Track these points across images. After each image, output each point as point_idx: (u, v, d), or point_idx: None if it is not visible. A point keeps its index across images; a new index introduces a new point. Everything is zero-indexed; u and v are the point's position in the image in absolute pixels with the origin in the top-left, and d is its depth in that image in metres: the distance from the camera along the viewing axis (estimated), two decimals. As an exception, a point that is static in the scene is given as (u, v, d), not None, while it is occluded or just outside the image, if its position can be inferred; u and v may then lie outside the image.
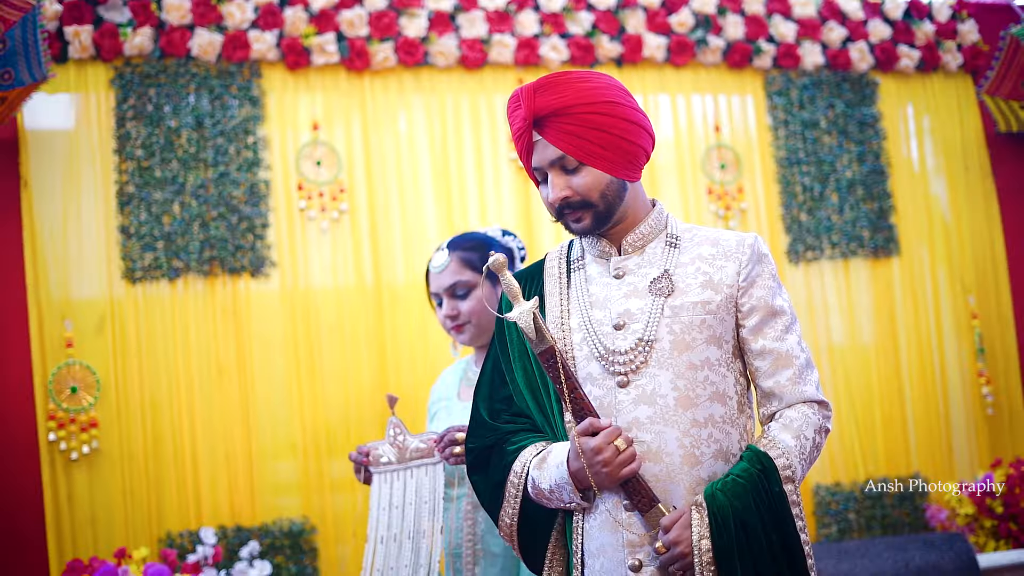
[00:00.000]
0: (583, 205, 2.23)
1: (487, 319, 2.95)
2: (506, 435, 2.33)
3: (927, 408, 5.05)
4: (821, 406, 2.26)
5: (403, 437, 2.77)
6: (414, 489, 2.73)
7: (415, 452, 2.75)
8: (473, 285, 2.96)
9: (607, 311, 2.27)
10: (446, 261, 2.98)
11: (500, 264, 2.19)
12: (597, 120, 2.19)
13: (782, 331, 2.26)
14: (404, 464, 2.76)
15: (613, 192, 2.24)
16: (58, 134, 4.23)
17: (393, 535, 2.72)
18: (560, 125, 2.19)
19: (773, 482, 2.14)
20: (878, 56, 5.19)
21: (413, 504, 2.72)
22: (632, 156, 2.24)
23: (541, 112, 2.19)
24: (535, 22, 4.73)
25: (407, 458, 2.76)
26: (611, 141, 2.20)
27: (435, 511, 2.68)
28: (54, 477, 4.02)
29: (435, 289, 3.00)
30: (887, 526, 4.85)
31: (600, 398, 2.22)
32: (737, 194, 4.97)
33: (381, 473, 2.78)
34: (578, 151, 2.19)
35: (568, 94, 2.20)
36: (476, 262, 2.97)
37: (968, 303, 5.18)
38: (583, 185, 2.21)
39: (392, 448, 2.78)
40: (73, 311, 4.13)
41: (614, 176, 2.23)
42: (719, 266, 2.26)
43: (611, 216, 2.26)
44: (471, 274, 2.96)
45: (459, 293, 2.96)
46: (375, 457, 2.78)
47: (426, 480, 2.73)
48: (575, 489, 2.17)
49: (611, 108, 2.21)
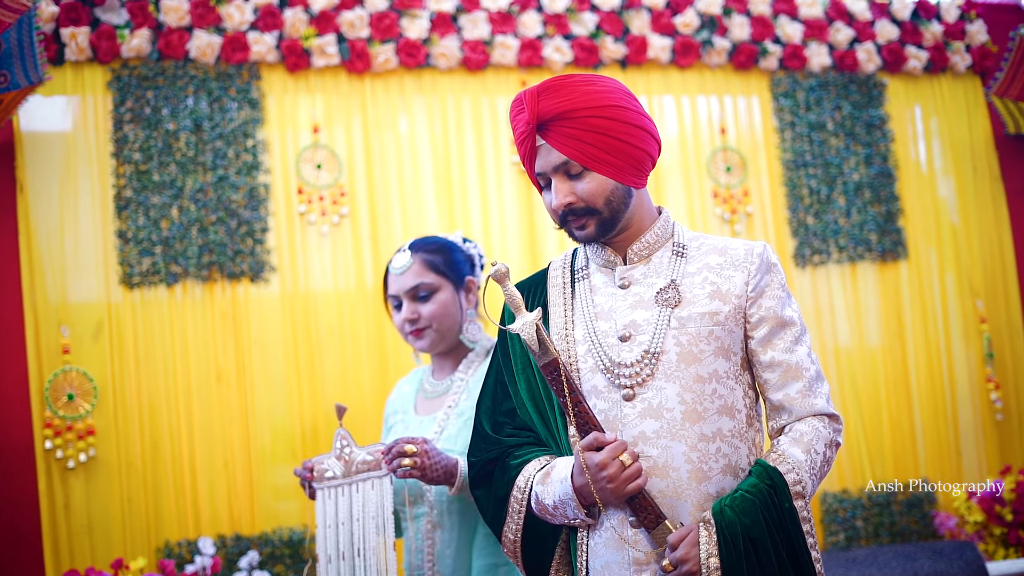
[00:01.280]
0: (587, 212, 2.20)
1: (448, 324, 2.90)
2: (509, 449, 2.30)
3: (935, 414, 5.00)
4: (832, 419, 2.23)
5: (350, 449, 2.68)
6: (360, 504, 2.64)
7: (362, 465, 2.66)
8: (436, 288, 2.89)
9: (612, 322, 2.24)
10: (409, 262, 2.90)
11: (503, 274, 2.15)
12: (602, 124, 2.16)
13: (792, 342, 2.23)
14: (349, 478, 2.66)
15: (618, 199, 2.20)
16: (55, 137, 4.20)
17: (342, 553, 2.63)
18: (564, 129, 2.16)
19: (783, 498, 2.11)
20: (885, 57, 5.15)
21: (360, 520, 2.63)
22: (638, 162, 2.20)
23: (544, 116, 2.16)
24: (538, 23, 4.70)
25: (353, 472, 2.66)
26: (616, 146, 2.17)
27: (383, 527, 2.60)
28: (50, 486, 3.98)
29: (395, 291, 2.91)
30: (895, 534, 4.80)
31: (605, 411, 2.19)
32: (743, 197, 4.93)
33: (325, 489, 2.69)
34: (582, 156, 2.16)
35: (572, 98, 2.16)
36: (440, 265, 2.91)
37: (977, 307, 5.14)
38: (587, 191, 2.18)
39: (338, 462, 2.68)
40: (70, 317, 4.09)
41: (619, 182, 2.19)
42: (727, 276, 2.24)
43: (616, 223, 2.22)
44: (434, 277, 2.90)
45: (421, 295, 2.88)
46: (319, 472, 2.70)
47: (373, 494, 2.64)
48: (579, 505, 2.15)
49: (616, 112, 2.17)
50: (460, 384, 2.89)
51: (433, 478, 2.61)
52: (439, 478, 2.62)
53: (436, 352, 2.96)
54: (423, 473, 2.59)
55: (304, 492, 2.76)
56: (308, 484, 2.72)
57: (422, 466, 2.58)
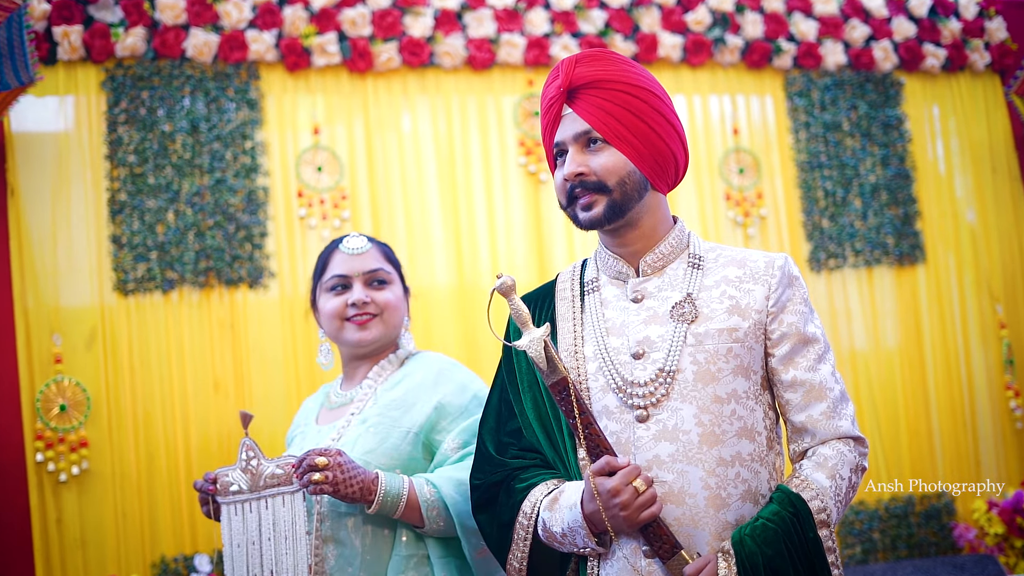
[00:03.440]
0: (598, 187, 2.13)
1: (395, 321, 2.73)
2: (514, 471, 2.23)
3: (954, 423, 4.95)
4: (857, 442, 2.16)
5: (257, 461, 2.46)
6: (270, 522, 2.43)
7: (271, 479, 2.44)
8: (391, 280, 2.74)
9: (625, 338, 2.16)
10: (368, 245, 2.74)
11: (508, 287, 2.08)
12: (631, 102, 2.11)
13: (815, 360, 2.16)
14: (257, 493, 2.44)
15: (632, 184, 2.13)
16: (47, 139, 4.16)
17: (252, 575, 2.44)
18: (592, 99, 2.12)
19: (807, 527, 2.04)
20: (902, 55, 5.10)
21: (271, 539, 2.43)
22: (660, 154, 2.15)
23: (577, 82, 2.12)
24: (545, 21, 4.67)
25: (261, 486, 2.44)
26: (641, 128, 2.12)
27: (295, 547, 2.41)
28: (42, 500, 3.94)
29: (347, 271, 2.71)
30: (913, 546, 4.74)
31: (617, 433, 2.12)
32: (756, 200, 4.88)
33: (230, 504, 2.48)
34: (605, 128, 2.11)
35: (609, 69, 2.13)
36: (393, 259, 2.79)
37: (996, 312, 5.08)
38: (603, 166, 2.12)
39: (244, 475, 2.48)
40: (62, 325, 4.04)
41: (637, 167, 2.13)
42: (747, 289, 2.16)
43: (625, 211, 2.14)
44: (391, 268, 2.76)
45: (378, 281, 2.71)
46: (224, 485, 2.47)
47: (283, 511, 2.43)
48: (590, 533, 2.07)
49: (648, 96, 2.14)
50: (367, 391, 2.70)
51: (348, 494, 2.39)
52: (354, 495, 2.39)
53: (366, 352, 2.75)
54: (335, 489, 2.36)
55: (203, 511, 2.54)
56: (212, 499, 2.51)
57: (334, 481, 2.35)
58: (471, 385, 2.69)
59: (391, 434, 2.57)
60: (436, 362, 2.74)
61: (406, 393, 2.64)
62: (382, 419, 2.60)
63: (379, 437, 2.57)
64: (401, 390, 2.65)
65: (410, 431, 2.58)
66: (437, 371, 2.69)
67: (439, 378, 2.67)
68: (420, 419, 2.59)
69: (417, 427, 2.58)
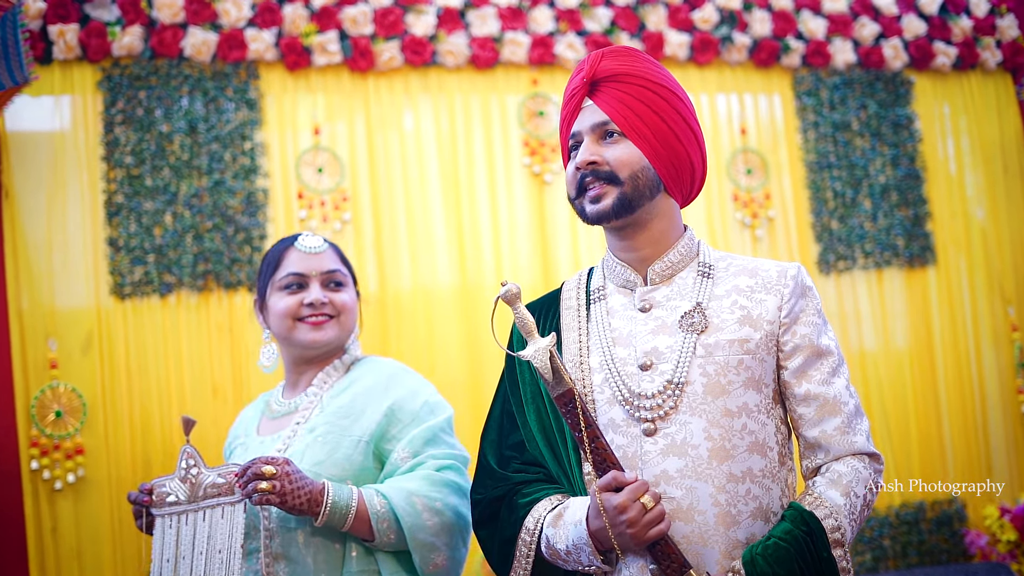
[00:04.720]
0: (609, 178, 2.10)
1: (350, 324, 2.67)
2: (517, 486, 2.19)
3: (965, 428, 4.89)
4: (872, 459, 2.11)
5: (197, 470, 2.36)
6: (205, 535, 2.31)
7: (211, 489, 2.33)
8: (347, 283, 2.68)
9: (632, 349, 2.12)
10: (324, 244, 2.67)
11: (513, 295, 2.03)
12: (652, 99, 2.10)
13: (829, 374, 2.11)
14: (195, 503, 2.33)
15: (645, 181, 2.10)
16: (42, 140, 4.11)
17: None
18: (614, 91, 2.11)
19: (821, 547, 2.00)
20: (913, 54, 5.04)
21: (204, 553, 2.30)
22: (676, 157, 2.11)
23: (600, 74, 2.12)
24: (550, 19, 4.62)
25: (200, 496, 2.33)
26: (659, 126, 2.10)
27: (229, 561, 2.29)
28: (37, 508, 3.88)
29: (304, 269, 2.63)
30: (924, 553, 4.69)
31: (624, 447, 2.07)
32: (764, 200, 4.82)
33: (164, 516, 2.36)
34: (623, 120, 2.09)
35: (634, 65, 2.13)
36: (346, 260, 2.73)
37: (1008, 315, 5.03)
38: (616, 158, 2.10)
39: (183, 484, 2.36)
40: (58, 330, 3.98)
41: (651, 164, 2.09)
42: (758, 300, 2.11)
43: (634, 208, 2.10)
44: (347, 270, 2.70)
45: (336, 282, 2.65)
46: (160, 496, 2.36)
47: (222, 523, 2.31)
48: (595, 551, 2.02)
49: (670, 96, 2.13)
50: (313, 399, 2.62)
51: (295, 505, 2.29)
52: (302, 506, 2.30)
53: (316, 354, 2.67)
54: (283, 499, 2.27)
55: (137, 524, 2.43)
56: (146, 511, 2.40)
57: (282, 491, 2.26)
58: (422, 391, 2.61)
59: (341, 443, 2.49)
60: (387, 367, 2.67)
61: (354, 399, 2.56)
62: (331, 428, 2.51)
63: (329, 447, 2.48)
64: (349, 396, 2.57)
65: (361, 439, 2.50)
66: (388, 375, 2.62)
67: (390, 382, 2.60)
68: (371, 426, 2.51)
69: (368, 435, 2.50)
